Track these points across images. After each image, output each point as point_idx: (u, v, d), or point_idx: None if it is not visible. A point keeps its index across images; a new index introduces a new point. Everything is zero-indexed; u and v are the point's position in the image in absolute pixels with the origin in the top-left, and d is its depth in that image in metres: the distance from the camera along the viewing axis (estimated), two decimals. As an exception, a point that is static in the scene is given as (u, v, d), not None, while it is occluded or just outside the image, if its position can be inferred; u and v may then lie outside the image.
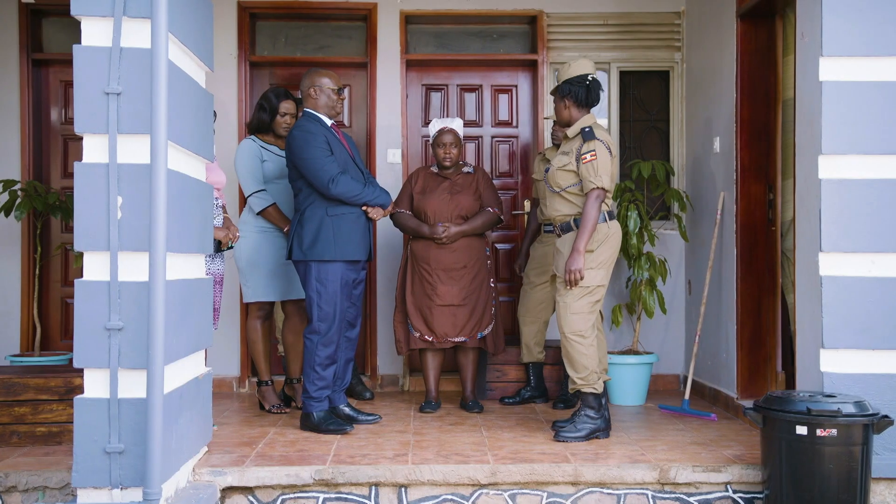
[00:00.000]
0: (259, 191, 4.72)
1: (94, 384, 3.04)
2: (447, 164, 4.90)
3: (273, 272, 4.75)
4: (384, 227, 5.56)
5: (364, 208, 4.35)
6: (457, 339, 4.85)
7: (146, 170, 3.00)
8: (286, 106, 4.79)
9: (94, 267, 3.03)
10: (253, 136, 4.84)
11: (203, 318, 3.70)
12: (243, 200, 5.59)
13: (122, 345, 3.01)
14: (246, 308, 5.57)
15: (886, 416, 3.30)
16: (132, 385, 3.03)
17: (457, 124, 4.94)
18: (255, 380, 5.54)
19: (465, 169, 4.99)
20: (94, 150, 3.03)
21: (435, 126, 4.94)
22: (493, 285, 4.97)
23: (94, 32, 3.01)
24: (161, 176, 2.96)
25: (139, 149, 3.02)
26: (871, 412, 3.27)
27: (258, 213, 4.73)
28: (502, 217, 5.00)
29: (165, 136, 2.98)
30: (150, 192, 2.98)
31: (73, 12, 3.00)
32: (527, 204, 5.79)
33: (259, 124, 4.83)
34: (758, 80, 4.73)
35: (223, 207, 4.45)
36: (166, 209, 3.00)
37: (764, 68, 4.73)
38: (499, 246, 5.88)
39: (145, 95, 2.99)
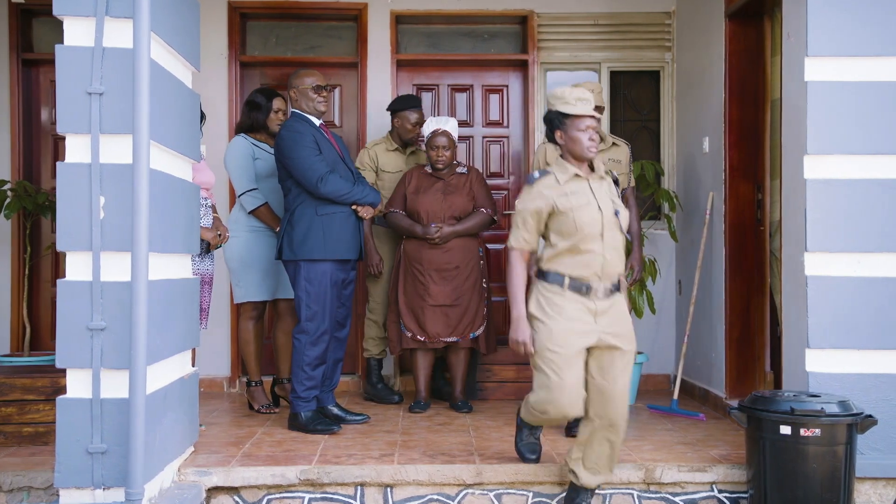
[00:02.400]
0: (251, 189, 4.72)
1: (77, 384, 3.04)
2: (440, 166, 4.90)
3: (265, 272, 4.75)
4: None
5: (354, 207, 4.35)
6: (449, 340, 4.85)
7: (129, 170, 3.00)
8: (278, 103, 4.82)
9: (77, 267, 3.03)
10: (244, 135, 4.83)
11: (189, 318, 3.70)
12: (233, 200, 5.60)
13: (104, 345, 3.01)
14: (237, 308, 5.59)
15: (870, 416, 3.31)
16: (115, 385, 3.03)
17: (451, 125, 4.94)
18: (244, 379, 5.55)
19: (459, 169, 5.00)
20: (76, 149, 3.03)
21: (429, 126, 4.94)
22: (485, 286, 4.97)
23: (77, 32, 3.02)
24: (143, 176, 2.96)
25: (122, 149, 3.02)
26: (854, 412, 3.28)
27: (250, 213, 4.73)
28: (496, 218, 5.00)
29: (148, 136, 2.98)
30: (132, 192, 2.97)
31: (55, 12, 3.01)
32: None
33: (253, 123, 4.83)
34: (746, 80, 4.73)
35: (213, 207, 4.45)
36: (149, 209, 3.00)
37: (752, 68, 4.74)
38: (490, 246, 5.87)
39: (128, 95, 3.00)
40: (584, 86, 3.27)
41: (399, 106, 5.14)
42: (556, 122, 3.29)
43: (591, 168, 3.31)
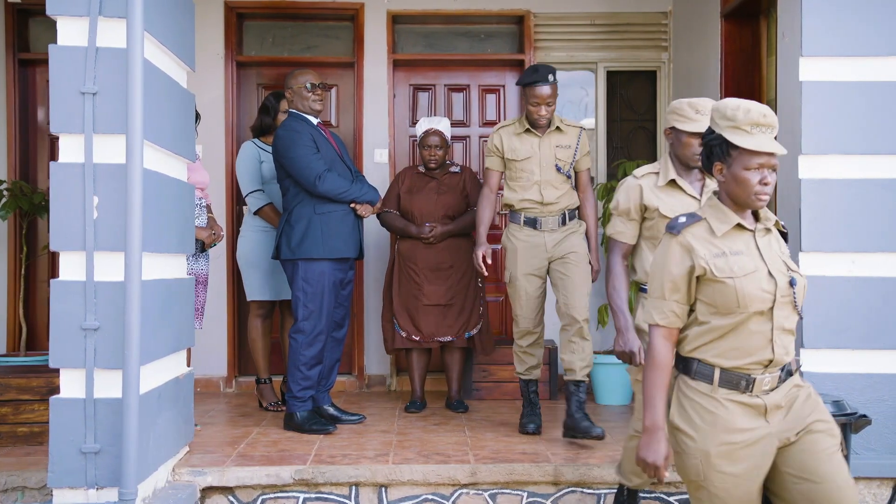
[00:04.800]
0: (255, 191, 4.79)
1: (71, 384, 3.04)
2: (432, 165, 4.91)
3: (271, 271, 4.81)
4: (373, 227, 5.55)
5: (352, 205, 4.36)
6: (443, 339, 4.85)
7: (122, 169, 3.00)
8: (286, 104, 4.87)
9: (71, 267, 3.04)
10: (255, 139, 4.96)
11: (184, 317, 3.70)
12: (231, 200, 5.61)
13: (98, 345, 3.01)
14: (237, 307, 5.60)
15: (864, 416, 3.30)
16: (109, 385, 3.03)
17: (443, 125, 4.95)
18: (241, 379, 5.56)
19: (453, 169, 5.00)
20: (70, 149, 3.03)
21: (422, 126, 4.96)
22: (480, 285, 4.97)
23: (70, 32, 3.02)
24: (136, 175, 2.96)
25: (115, 149, 3.03)
26: (849, 412, 3.27)
27: (255, 213, 4.83)
28: (489, 217, 5.00)
29: (141, 136, 2.98)
30: (126, 192, 2.98)
31: (48, 12, 3.01)
32: None
33: (262, 126, 4.96)
34: (742, 80, 4.74)
35: (207, 207, 4.47)
36: (143, 209, 3.01)
37: (748, 68, 4.74)
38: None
39: (122, 95, 3.00)
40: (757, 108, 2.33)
41: (526, 79, 4.17)
42: (717, 150, 2.34)
43: (756, 217, 2.39)
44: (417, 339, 4.85)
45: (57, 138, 5.51)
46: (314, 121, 4.39)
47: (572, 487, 3.58)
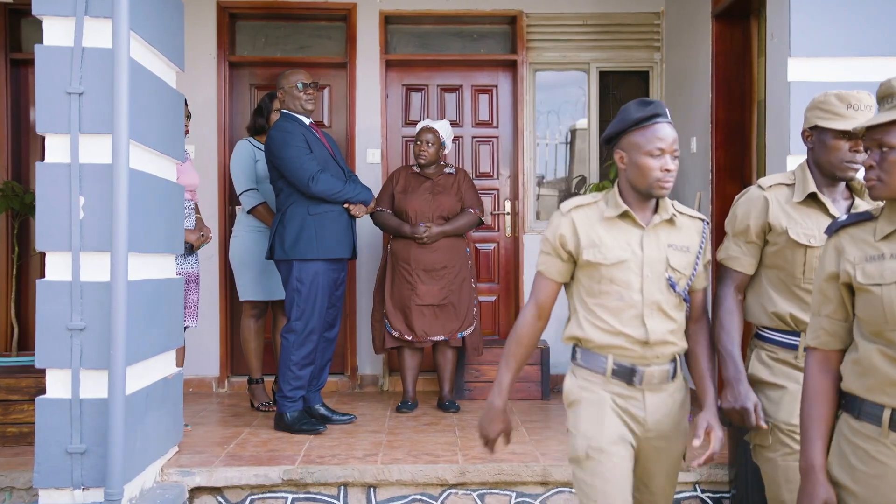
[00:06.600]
0: (250, 189, 4.79)
1: (57, 385, 3.04)
2: (421, 161, 4.92)
3: (264, 271, 4.80)
4: (366, 227, 5.55)
5: (346, 206, 4.36)
6: (436, 338, 4.86)
7: (109, 170, 3.00)
8: (278, 103, 4.88)
9: (57, 267, 3.04)
10: (249, 138, 4.97)
11: (173, 318, 3.69)
12: (224, 201, 5.61)
13: (84, 345, 3.01)
14: (229, 307, 5.60)
15: (852, 416, 3.28)
16: (95, 385, 3.03)
17: (440, 125, 4.97)
18: (234, 379, 5.56)
19: (447, 170, 5.01)
20: (56, 150, 3.03)
21: (420, 125, 4.99)
22: (474, 286, 4.98)
23: (56, 32, 3.02)
24: (122, 176, 2.96)
25: (102, 149, 3.03)
26: (836, 412, 3.25)
27: (248, 212, 4.83)
28: (483, 218, 5.01)
29: (127, 136, 2.98)
30: (112, 193, 2.97)
31: (34, 12, 3.01)
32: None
33: (256, 125, 4.99)
34: (732, 80, 4.73)
35: (195, 208, 4.47)
36: (130, 209, 3.01)
37: (739, 69, 4.74)
38: (479, 246, 5.87)
39: (108, 95, 3.00)
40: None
41: (635, 114, 2.25)
42: None
43: None
44: (410, 338, 4.85)
45: (46, 138, 5.41)
46: (306, 121, 4.39)
47: (561, 488, 3.58)
